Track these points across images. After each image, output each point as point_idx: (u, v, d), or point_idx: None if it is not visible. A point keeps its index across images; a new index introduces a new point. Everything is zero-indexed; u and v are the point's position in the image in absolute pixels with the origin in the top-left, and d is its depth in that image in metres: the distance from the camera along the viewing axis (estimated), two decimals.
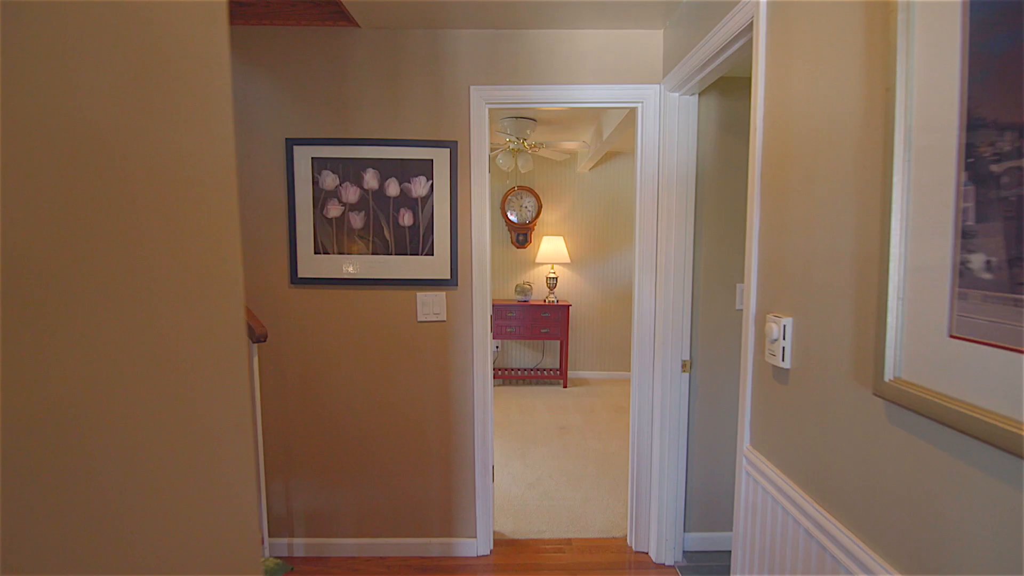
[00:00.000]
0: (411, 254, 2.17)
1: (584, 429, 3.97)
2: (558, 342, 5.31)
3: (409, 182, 2.14)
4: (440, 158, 2.13)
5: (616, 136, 3.37)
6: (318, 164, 2.12)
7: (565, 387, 5.09)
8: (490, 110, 2.16)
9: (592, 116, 3.81)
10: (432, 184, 2.14)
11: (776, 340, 1.19)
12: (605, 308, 5.37)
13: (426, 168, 2.13)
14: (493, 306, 4.96)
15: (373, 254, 2.16)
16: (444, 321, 2.21)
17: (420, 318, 2.20)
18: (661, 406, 2.19)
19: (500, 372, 5.20)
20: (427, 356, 2.24)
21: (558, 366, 5.34)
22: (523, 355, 5.42)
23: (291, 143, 2.11)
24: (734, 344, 2.21)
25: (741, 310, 2.20)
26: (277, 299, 2.19)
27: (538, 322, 4.93)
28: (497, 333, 4.94)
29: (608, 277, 5.35)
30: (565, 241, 5.18)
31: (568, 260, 5.12)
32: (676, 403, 2.20)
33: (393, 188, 2.14)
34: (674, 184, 2.10)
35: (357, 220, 2.15)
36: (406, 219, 2.15)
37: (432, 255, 2.17)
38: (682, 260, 2.14)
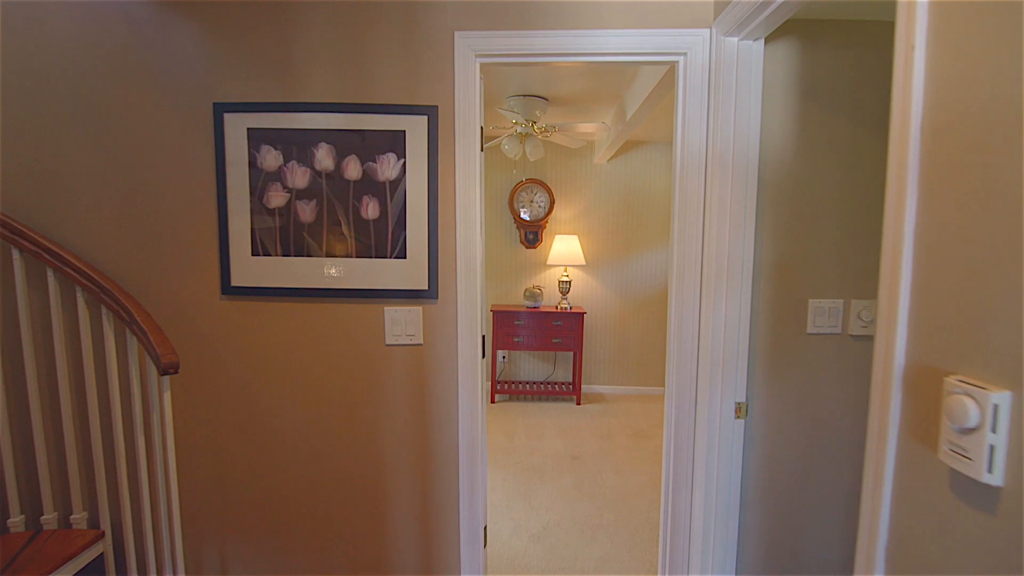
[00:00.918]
0: (377, 256, 1.65)
1: (600, 459, 3.43)
2: (571, 353, 4.76)
3: (374, 161, 1.62)
4: (415, 129, 1.60)
5: (644, 113, 2.81)
6: (256, 137, 1.61)
7: (578, 404, 4.54)
8: (487, 77, 1.64)
9: (614, 92, 3.25)
10: (405, 164, 1.62)
11: (975, 430, 0.64)
12: (623, 316, 4.80)
13: (397, 142, 1.61)
14: (499, 313, 4.46)
15: (327, 256, 1.65)
16: (420, 345, 1.69)
17: (389, 340, 1.69)
18: (706, 464, 1.64)
19: (506, 386, 4.67)
20: (398, 389, 1.72)
21: (571, 380, 4.80)
22: (532, 367, 4.88)
23: (221, 109, 1.60)
24: (806, 381, 1.65)
25: (815, 334, 1.64)
26: (205, 315, 1.69)
27: (549, 331, 4.40)
28: (503, 343, 4.42)
29: (627, 282, 4.78)
30: (580, 241, 4.63)
31: (583, 262, 4.56)
32: (727, 461, 1.64)
33: (353, 169, 1.62)
34: (729, 166, 1.55)
35: (307, 211, 1.64)
36: (370, 210, 1.63)
37: (404, 258, 1.65)
38: (738, 267, 1.59)
